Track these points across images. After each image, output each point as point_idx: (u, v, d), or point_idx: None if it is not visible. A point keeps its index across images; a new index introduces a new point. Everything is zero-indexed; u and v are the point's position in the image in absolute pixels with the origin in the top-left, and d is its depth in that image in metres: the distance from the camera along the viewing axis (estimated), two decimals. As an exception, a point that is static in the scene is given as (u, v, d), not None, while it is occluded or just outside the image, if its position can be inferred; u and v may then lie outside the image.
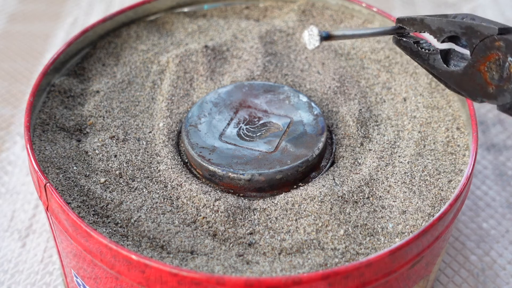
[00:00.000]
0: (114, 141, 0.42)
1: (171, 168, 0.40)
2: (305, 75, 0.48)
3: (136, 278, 0.33)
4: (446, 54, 0.40)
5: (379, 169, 0.40)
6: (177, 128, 0.43)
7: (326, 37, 0.37)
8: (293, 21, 0.52)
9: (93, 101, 0.44)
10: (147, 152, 0.41)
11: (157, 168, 0.40)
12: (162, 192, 0.39)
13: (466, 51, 0.39)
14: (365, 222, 0.37)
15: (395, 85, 0.46)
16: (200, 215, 0.37)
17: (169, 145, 0.42)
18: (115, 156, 0.41)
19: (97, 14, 0.75)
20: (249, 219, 0.38)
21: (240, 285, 0.31)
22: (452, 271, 0.48)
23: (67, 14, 0.76)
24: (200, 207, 0.38)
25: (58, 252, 0.42)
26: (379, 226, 0.37)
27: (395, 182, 0.39)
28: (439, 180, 0.40)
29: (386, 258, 0.33)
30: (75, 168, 0.40)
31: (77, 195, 0.38)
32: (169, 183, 0.39)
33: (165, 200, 0.38)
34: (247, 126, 0.42)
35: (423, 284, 0.40)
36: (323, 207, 0.37)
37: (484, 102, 0.38)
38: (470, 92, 0.39)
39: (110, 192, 0.38)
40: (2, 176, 0.56)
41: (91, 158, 0.40)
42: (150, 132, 0.43)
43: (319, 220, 0.37)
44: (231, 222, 0.37)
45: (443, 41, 0.39)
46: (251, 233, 0.37)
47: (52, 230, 0.40)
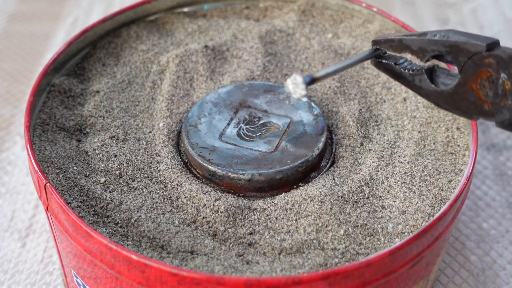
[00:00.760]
0: (114, 141, 0.42)
1: (171, 168, 0.40)
2: (305, 75, 0.48)
3: (136, 278, 0.33)
4: (432, 72, 0.38)
5: (379, 169, 0.40)
6: (177, 128, 0.43)
7: (310, 82, 0.36)
8: (293, 21, 0.52)
9: (93, 101, 0.44)
10: (147, 152, 0.41)
11: (157, 168, 0.40)
12: (162, 192, 0.39)
13: (453, 67, 0.37)
14: (365, 222, 0.37)
15: (395, 85, 0.46)
16: (200, 215, 0.37)
17: (169, 145, 0.42)
18: (115, 156, 0.41)
19: (97, 14, 0.75)
20: (249, 219, 0.38)
21: (240, 285, 0.31)
22: (452, 271, 0.48)
23: (67, 14, 0.76)
24: (200, 207, 0.38)
25: (58, 252, 0.42)
26: (379, 226, 0.37)
27: (395, 182, 0.39)
28: (439, 180, 0.40)
29: (386, 258, 0.33)
30: (75, 168, 0.40)
31: (77, 195, 0.38)
32: (169, 183, 0.39)
33: (165, 200, 0.38)
34: (247, 126, 0.42)
35: (423, 284, 0.40)
36: (323, 207, 0.37)
37: (480, 119, 0.37)
38: (464, 111, 0.37)
39: (110, 192, 0.38)
40: (2, 176, 0.56)
41: (91, 158, 0.40)
42: (150, 132, 0.43)
43: (319, 220, 0.37)
44: (231, 222, 0.37)
45: (426, 61, 0.37)
46: (251, 233, 0.37)
47: (52, 230, 0.40)
